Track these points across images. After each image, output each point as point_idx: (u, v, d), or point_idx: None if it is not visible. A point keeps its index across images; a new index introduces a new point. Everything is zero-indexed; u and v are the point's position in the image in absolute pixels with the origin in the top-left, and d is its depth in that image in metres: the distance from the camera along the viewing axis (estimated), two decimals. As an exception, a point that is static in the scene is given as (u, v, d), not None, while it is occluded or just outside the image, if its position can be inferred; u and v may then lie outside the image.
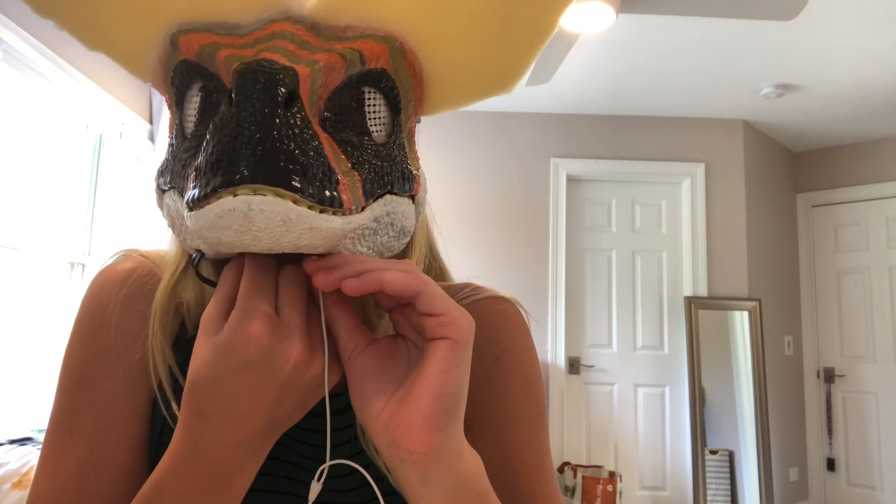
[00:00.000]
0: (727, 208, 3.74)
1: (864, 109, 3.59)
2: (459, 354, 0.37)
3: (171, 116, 0.45)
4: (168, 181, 0.43)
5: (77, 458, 0.48)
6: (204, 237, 0.37)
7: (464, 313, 0.38)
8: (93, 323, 0.51)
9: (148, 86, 3.22)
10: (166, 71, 0.44)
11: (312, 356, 0.39)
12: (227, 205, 0.34)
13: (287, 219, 0.35)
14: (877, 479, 3.85)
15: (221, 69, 0.39)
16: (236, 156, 0.34)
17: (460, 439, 0.39)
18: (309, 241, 0.37)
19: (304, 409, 0.41)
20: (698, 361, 3.57)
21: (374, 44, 0.43)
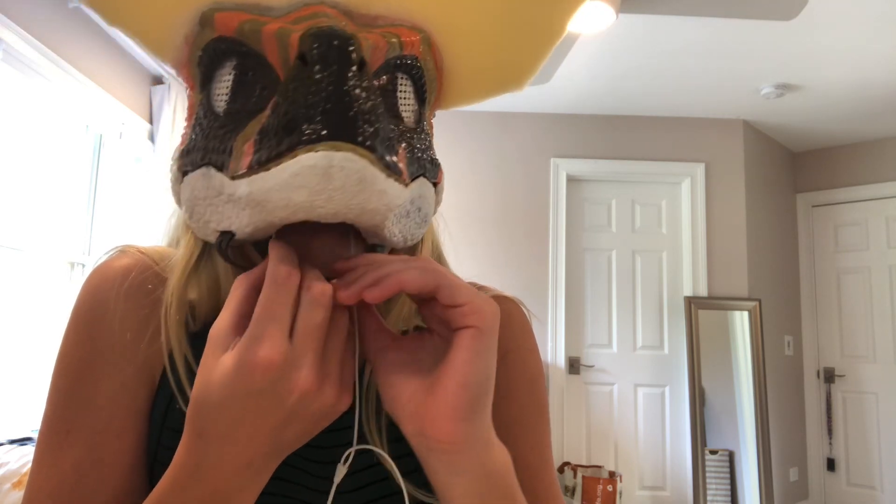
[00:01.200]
0: (727, 208, 3.74)
1: (864, 109, 3.59)
2: (484, 343, 0.37)
3: (193, 97, 0.44)
4: (199, 160, 0.41)
5: (73, 459, 0.47)
6: (266, 200, 0.36)
7: (487, 301, 0.38)
8: (89, 321, 0.49)
9: (148, 86, 3.24)
10: (193, 50, 0.43)
11: (322, 386, 0.37)
12: (307, 161, 0.34)
13: (363, 178, 0.35)
14: (877, 479, 3.85)
15: (269, 42, 0.39)
16: (315, 114, 0.35)
17: (488, 430, 0.39)
18: (376, 204, 0.37)
19: (309, 435, 0.39)
20: (698, 361, 3.57)
21: (407, 31, 0.44)
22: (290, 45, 0.38)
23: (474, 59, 0.49)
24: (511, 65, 0.50)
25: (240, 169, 0.37)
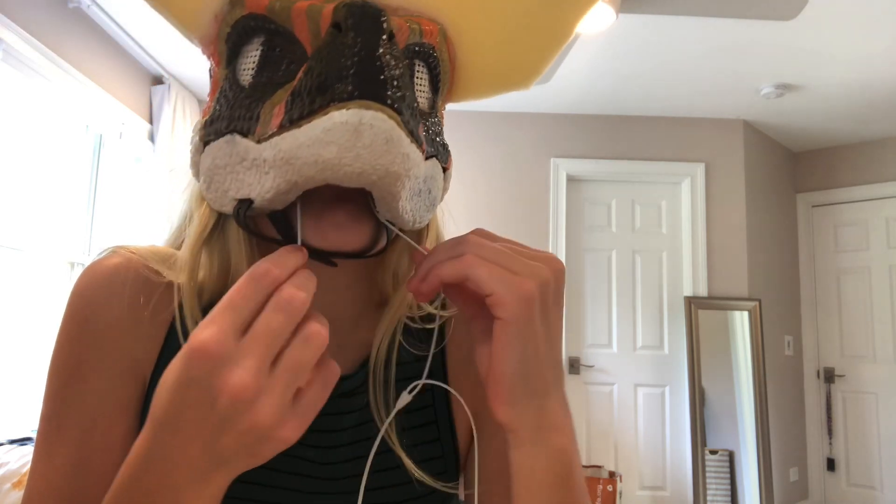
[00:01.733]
0: (727, 208, 3.74)
1: (864, 109, 3.59)
2: (511, 333, 0.37)
3: (218, 73, 0.46)
4: (224, 128, 0.42)
5: (63, 457, 0.48)
6: (295, 157, 0.37)
7: (514, 288, 0.38)
8: (78, 321, 0.50)
9: (148, 86, 3.24)
10: (221, 27, 0.45)
11: (259, 398, 0.32)
12: (338, 117, 0.36)
13: (390, 138, 0.37)
14: (877, 479, 3.85)
15: (298, 18, 0.41)
16: (348, 75, 0.36)
17: (539, 413, 0.39)
18: (400, 167, 0.38)
19: (252, 457, 0.35)
20: (698, 361, 3.57)
21: (426, 21, 0.46)
22: (323, 18, 0.40)
23: (485, 56, 0.50)
24: (520, 63, 0.51)
25: (269, 130, 0.39)
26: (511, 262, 0.38)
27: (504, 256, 0.39)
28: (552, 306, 0.39)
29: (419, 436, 0.51)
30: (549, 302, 0.39)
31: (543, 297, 0.38)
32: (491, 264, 0.38)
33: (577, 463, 0.41)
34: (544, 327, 0.39)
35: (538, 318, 0.38)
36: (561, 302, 0.41)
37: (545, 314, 0.39)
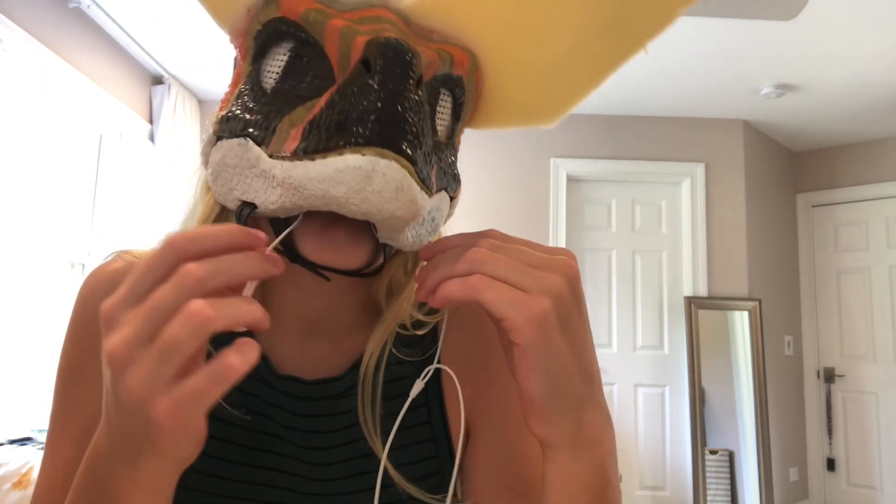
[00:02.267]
0: (727, 208, 3.74)
1: (864, 109, 3.59)
2: (531, 358, 0.36)
3: (242, 67, 0.46)
4: (238, 130, 0.42)
5: (64, 455, 0.49)
6: (304, 187, 0.37)
7: (526, 311, 0.36)
8: (81, 322, 0.52)
9: (148, 86, 3.24)
10: (253, 23, 0.44)
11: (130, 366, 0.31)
12: (352, 161, 0.36)
13: (400, 186, 0.37)
14: (877, 479, 3.85)
15: (331, 36, 0.41)
16: (368, 119, 0.36)
17: (574, 429, 0.39)
18: (404, 213, 0.39)
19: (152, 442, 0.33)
20: (698, 361, 3.57)
21: (460, 51, 0.46)
22: (355, 46, 0.39)
23: (513, 92, 0.50)
24: (547, 103, 0.51)
25: (282, 150, 0.39)
26: (521, 279, 0.37)
27: (514, 271, 0.37)
28: (574, 314, 0.38)
29: (413, 436, 0.51)
30: (568, 313, 0.37)
31: (561, 310, 0.36)
32: (499, 285, 0.36)
33: (612, 478, 0.40)
34: (567, 341, 0.37)
35: (558, 335, 0.36)
36: (582, 306, 0.39)
37: (567, 326, 0.37)
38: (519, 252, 0.39)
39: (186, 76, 3.38)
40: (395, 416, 0.49)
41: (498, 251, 0.39)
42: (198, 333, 0.31)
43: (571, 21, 0.46)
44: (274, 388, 0.51)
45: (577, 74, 0.49)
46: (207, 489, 0.48)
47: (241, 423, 0.50)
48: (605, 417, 0.40)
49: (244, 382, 0.50)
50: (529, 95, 0.51)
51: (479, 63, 0.48)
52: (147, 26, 2.86)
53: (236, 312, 0.32)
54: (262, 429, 0.50)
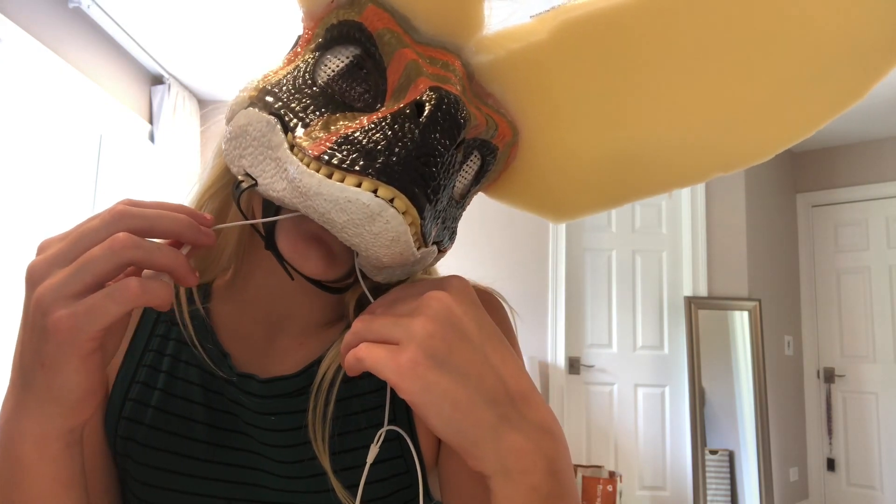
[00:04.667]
0: (727, 208, 3.74)
1: (864, 109, 3.59)
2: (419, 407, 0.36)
3: (302, 50, 0.46)
4: (273, 108, 0.42)
5: None
6: (309, 197, 0.38)
7: (394, 365, 0.35)
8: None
9: (148, 86, 3.23)
10: (330, 15, 0.45)
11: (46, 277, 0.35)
12: (364, 197, 0.36)
13: (397, 239, 0.38)
14: (877, 479, 3.85)
15: (398, 63, 0.42)
16: (400, 160, 0.37)
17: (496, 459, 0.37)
18: (390, 261, 0.40)
19: (41, 353, 0.36)
20: (698, 361, 3.57)
21: (506, 124, 0.47)
22: (416, 85, 0.40)
23: (537, 179, 0.51)
24: (563, 202, 0.52)
25: (307, 151, 0.39)
26: (391, 333, 0.36)
27: (386, 329, 0.36)
28: (455, 346, 0.36)
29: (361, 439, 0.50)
30: (446, 348, 0.35)
31: (432, 350, 0.35)
32: (373, 349, 0.36)
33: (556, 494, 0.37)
34: (450, 377, 0.35)
35: (435, 376, 0.35)
36: (468, 333, 0.37)
37: (447, 362, 0.35)
38: (398, 308, 0.38)
39: (186, 76, 3.38)
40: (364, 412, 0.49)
41: (380, 312, 0.38)
42: (112, 255, 0.33)
43: (611, 141, 0.47)
44: (234, 385, 0.51)
45: (599, 192, 0.51)
46: (175, 487, 0.49)
47: (206, 420, 0.50)
48: (535, 433, 0.37)
49: (208, 381, 0.51)
50: (550, 189, 0.52)
51: (519, 141, 0.48)
52: (147, 26, 2.86)
53: (157, 251, 0.35)
54: (226, 426, 0.51)
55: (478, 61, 0.45)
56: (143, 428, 0.50)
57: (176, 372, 0.52)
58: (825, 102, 0.45)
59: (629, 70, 0.44)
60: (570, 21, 0.44)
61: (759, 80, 0.44)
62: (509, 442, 0.36)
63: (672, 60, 0.44)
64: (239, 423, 0.51)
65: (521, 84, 0.46)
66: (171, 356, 0.53)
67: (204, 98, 3.63)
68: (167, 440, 0.50)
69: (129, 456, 0.50)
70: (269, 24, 2.78)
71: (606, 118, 0.47)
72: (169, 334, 0.54)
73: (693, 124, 0.46)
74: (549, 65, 0.45)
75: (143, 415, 0.50)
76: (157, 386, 0.51)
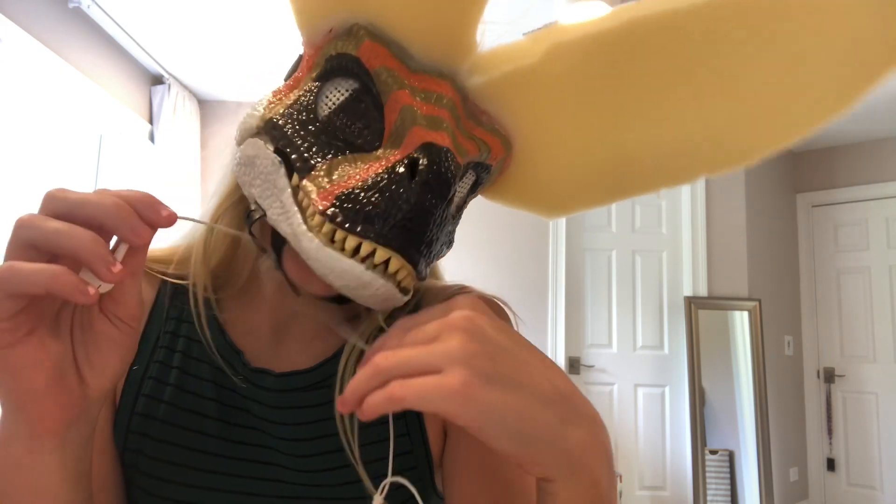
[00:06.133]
0: (727, 208, 3.74)
1: (864, 109, 3.59)
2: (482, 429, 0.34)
3: (306, 74, 0.48)
4: (278, 145, 0.44)
5: None
6: (308, 258, 0.41)
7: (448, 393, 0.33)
8: None
9: (148, 86, 3.23)
10: (329, 46, 0.46)
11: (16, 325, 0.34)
12: (357, 270, 0.40)
13: (388, 299, 0.43)
14: (877, 479, 3.85)
15: (394, 104, 0.44)
16: (395, 222, 0.40)
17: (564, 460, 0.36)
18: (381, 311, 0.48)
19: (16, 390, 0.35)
20: (698, 361, 3.57)
21: (499, 144, 0.49)
22: (409, 137, 0.42)
23: (532, 182, 0.54)
24: (556, 202, 0.55)
25: (313, 202, 0.41)
26: (429, 361, 0.34)
27: (419, 359, 0.34)
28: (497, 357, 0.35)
29: (380, 432, 0.50)
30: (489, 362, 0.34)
31: (478, 367, 0.33)
32: (414, 383, 0.33)
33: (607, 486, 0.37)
34: (504, 388, 0.34)
35: (490, 392, 0.33)
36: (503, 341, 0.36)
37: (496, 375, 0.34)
38: (417, 335, 0.36)
39: (186, 76, 3.38)
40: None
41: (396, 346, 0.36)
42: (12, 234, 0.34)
43: (607, 149, 0.50)
44: (248, 381, 0.52)
45: (590, 192, 0.54)
46: (188, 482, 0.49)
47: (218, 415, 0.51)
48: (592, 426, 0.37)
49: (219, 377, 0.52)
50: (543, 189, 0.55)
51: (513, 150, 0.51)
52: (147, 26, 2.86)
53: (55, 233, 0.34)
54: (238, 422, 0.51)
55: (472, 83, 0.47)
56: (156, 423, 0.50)
57: (187, 368, 0.53)
58: (814, 108, 0.48)
59: (619, 86, 0.46)
60: (562, 44, 0.45)
61: (743, 91, 0.45)
62: (574, 439, 0.35)
63: (660, 75, 0.45)
64: (251, 418, 0.51)
65: (514, 103, 0.48)
66: (182, 352, 0.53)
67: (204, 98, 3.63)
68: (180, 435, 0.50)
69: (141, 451, 0.50)
70: (269, 24, 2.78)
71: (598, 128, 0.49)
72: (179, 331, 0.54)
73: (680, 132, 0.48)
74: (541, 84, 0.47)
75: (156, 410, 0.51)
76: (168, 381, 0.52)
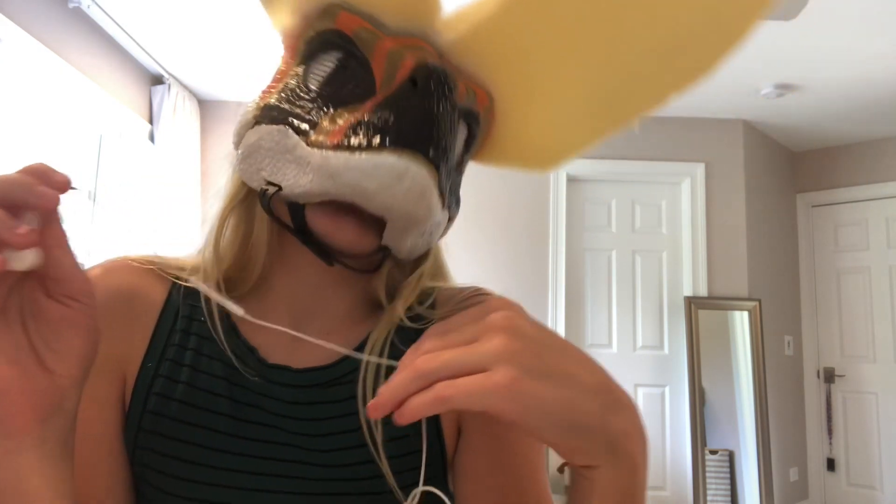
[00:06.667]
0: (727, 208, 3.74)
1: (864, 109, 3.59)
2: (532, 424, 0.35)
3: (288, 65, 0.51)
4: (280, 118, 0.47)
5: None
6: (339, 174, 0.42)
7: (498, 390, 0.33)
8: None
9: (148, 86, 3.23)
10: (306, 28, 0.50)
11: None
12: (389, 159, 0.42)
13: (424, 192, 0.44)
14: (877, 479, 3.85)
15: (379, 55, 0.47)
16: (410, 127, 0.43)
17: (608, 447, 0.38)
18: (422, 215, 0.45)
19: None
20: (698, 361, 3.57)
21: (482, 91, 0.52)
22: (403, 66, 0.45)
23: (519, 138, 0.56)
24: (545, 153, 0.58)
25: (325, 142, 0.44)
26: (474, 361, 0.34)
27: (464, 360, 0.34)
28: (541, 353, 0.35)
29: (402, 428, 0.50)
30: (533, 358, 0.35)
31: (525, 362, 0.34)
32: (461, 383, 0.33)
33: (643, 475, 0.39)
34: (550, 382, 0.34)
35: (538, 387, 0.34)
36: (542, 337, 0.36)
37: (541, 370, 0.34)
38: (457, 337, 0.36)
39: (186, 76, 3.38)
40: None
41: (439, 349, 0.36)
42: None
43: (582, 86, 0.52)
44: (263, 377, 0.51)
45: (576, 134, 0.56)
46: (202, 479, 0.49)
47: (231, 413, 0.50)
48: (631, 414, 0.38)
49: (231, 374, 0.52)
50: (532, 144, 0.57)
51: (495, 106, 0.53)
52: (147, 26, 2.86)
53: None
54: (252, 418, 0.51)
55: (443, 41, 0.50)
56: (168, 420, 0.50)
57: (199, 366, 0.52)
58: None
59: (581, 12, 0.49)
60: None
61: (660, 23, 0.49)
62: (617, 426, 0.37)
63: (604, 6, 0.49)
64: (265, 415, 0.51)
65: (486, 55, 0.50)
66: (194, 350, 0.53)
67: (204, 98, 3.63)
68: (193, 433, 0.50)
69: (153, 449, 0.49)
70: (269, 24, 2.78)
71: (572, 63, 0.51)
72: (190, 328, 0.54)
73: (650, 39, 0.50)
74: (508, 32, 0.49)
75: (168, 407, 0.50)
76: (180, 379, 0.51)
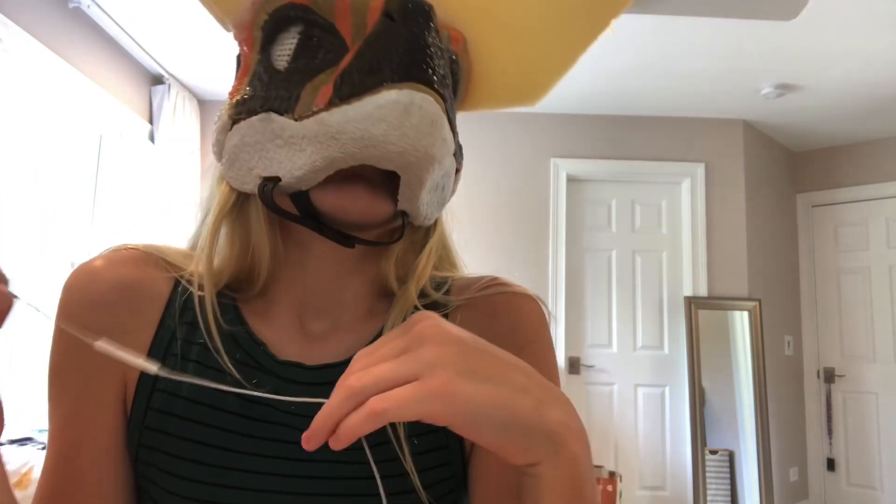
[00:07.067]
0: (727, 208, 3.74)
1: (865, 109, 3.59)
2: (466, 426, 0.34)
3: (250, 57, 0.48)
4: (258, 107, 0.44)
5: (49, 454, 0.50)
6: (342, 132, 0.39)
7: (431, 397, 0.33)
8: (59, 320, 0.51)
9: (148, 86, 3.24)
10: (258, 13, 0.47)
11: None
12: (390, 96, 0.37)
13: (435, 121, 0.39)
14: (877, 479, 3.85)
15: (342, 12, 0.43)
16: (400, 59, 0.38)
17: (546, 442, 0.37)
18: (438, 151, 0.41)
19: None
20: (698, 361, 3.57)
21: (456, 32, 0.49)
22: (371, 11, 0.42)
23: (498, 72, 0.54)
24: (530, 81, 0.56)
25: (313, 107, 0.40)
26: (405, 371, 0.34)
27: (395, 371, 0.34)
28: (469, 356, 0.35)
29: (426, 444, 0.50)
30: (463, 361, 0.34)
31: (456, 364, 0.34)
32: (393, 394, 0.33)
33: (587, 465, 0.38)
34: (481, 382, 0.34)
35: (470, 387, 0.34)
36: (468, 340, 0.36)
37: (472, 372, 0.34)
38: (386, 352, 0.36)
39: (186, 76, 3.38)
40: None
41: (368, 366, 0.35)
42: None
43: (546, 4, 0.52)
44: (274, 374, 0.50)
45: (553, 54, 0.55)
46: (206, 479, 0.47)
47: (239, 411, 0.49)
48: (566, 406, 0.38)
49: (240, 371, 0.50)
50: (513, 76, 0.55)
51: (468, 46, 0.51)
52: (147, 26, 2.86)
53: None
54: (261, 417, 0.49)
55: None
56: (174, 419, 0.49)
57: (206, 361, 0.50)
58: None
59: None
60: None
61: None
62: (552, 418, 0.36)
63: None
64: (275, 412, 0.49)
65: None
66: (201, 345, 0.51)
67: (204, 98, 3.63)
68: (200, 431, 0.48)
69: (158, 449, 0.48)
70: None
71: None
72: (196, 323, 0.52)
73: None
74: None
75: (174, 406, 0.49)
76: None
